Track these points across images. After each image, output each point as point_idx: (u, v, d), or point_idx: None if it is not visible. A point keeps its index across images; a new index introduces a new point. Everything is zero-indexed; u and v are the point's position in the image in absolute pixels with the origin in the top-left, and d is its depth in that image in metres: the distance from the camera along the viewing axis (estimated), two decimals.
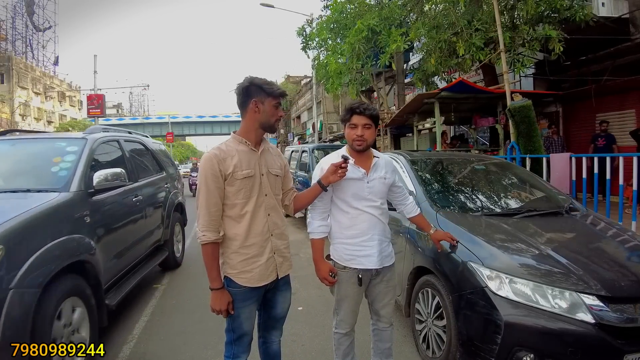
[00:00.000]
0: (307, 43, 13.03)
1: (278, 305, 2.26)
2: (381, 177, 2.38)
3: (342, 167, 2.16)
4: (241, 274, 2.05)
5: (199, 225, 2.00)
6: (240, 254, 2.05)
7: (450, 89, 8.24)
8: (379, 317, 2.53)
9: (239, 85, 2.08)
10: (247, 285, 2.06)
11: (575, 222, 3.29)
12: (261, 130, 2.11)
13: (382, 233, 2.41)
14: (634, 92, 8.99)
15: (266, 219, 2.10)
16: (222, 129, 59.95)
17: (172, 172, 6.24)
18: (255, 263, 2.06)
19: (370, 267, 2.35)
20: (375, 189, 2.35)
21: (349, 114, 2.31)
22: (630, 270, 2.54)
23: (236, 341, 2.13)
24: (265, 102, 2.05)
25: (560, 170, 5.32)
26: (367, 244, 2.35)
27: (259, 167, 2.09)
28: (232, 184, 2.01)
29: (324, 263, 2.35)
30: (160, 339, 3.62)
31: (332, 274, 2.35)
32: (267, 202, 2.11)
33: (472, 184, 3.92)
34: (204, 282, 4.91)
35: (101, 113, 25.71)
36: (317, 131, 24.45)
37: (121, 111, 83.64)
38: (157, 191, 5.24)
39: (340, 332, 2.49)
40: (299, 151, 10.08)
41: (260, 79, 2.07)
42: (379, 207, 2.38)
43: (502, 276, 2.42)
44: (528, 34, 8.38)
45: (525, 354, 2.26)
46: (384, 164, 2.43)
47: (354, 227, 2.35)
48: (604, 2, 13.30)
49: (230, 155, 2.02)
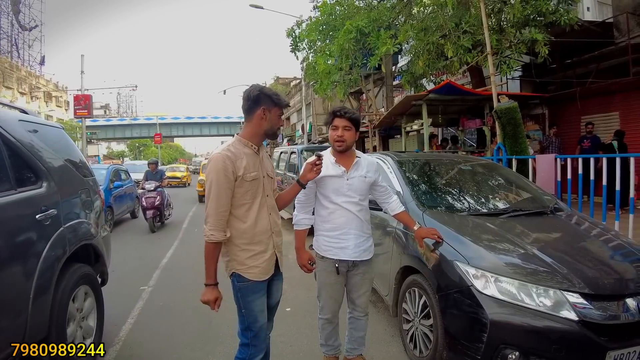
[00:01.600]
0: (296, 44, 13.04)
1: (272, 295, 2.39)
2: (361, 175, 2.58)
3: (316, 164, 2.31)
4: (250, 269, 2.17)
5: (207, 225, 2.07)
6: (248, 250, 2.17)
7: (438, 91, 8.31)
8: (355, 306, 2.73)
9: (248, 92, 2.19)
10: (255, 279, 2.18)
11: (560, 222, 3.33)
12: (264, 136, 2.26)
13: (359, 228, 2.59)
14: (618, 94, 9.16)
15: (268, 218, 2.25)
16: (211, 130, 59.71)
17: (76, 183, 3.37)
18: (261, 258, 2.20)
19: (345, 258, 2.56)
20: (354, 186, 2.55)
21: (331, 117, 2.55)
22: (613, 268, 2.59)
23: (254, 339, 2.21)
24: (272, 111, 2.21)
25: (545, 171, 5.38)
26: (343, 237, 2.55)
27: (262, 169, 2.24)
28: (241, 185, 2.12)
29: (304, 252, 2.59)
30: (147, 342, 3.58)
31: (310, 262, 2.57)
32: (269, 203, 2.27)
33: (459, 185, 3.95)
34: (191, 284, 4.97)
35: (88, 114, 25.30)
36: (307, 133, 24.45)
37: (109, 112, 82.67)
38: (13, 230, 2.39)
39: (323, 318, 2.73)
40: (287, 152, 10.07)
41: (268, 88, 2.25)
42: (357, 204, 2.57)
43: (487, 275, 2.44)
44: (515, 37, 8.49)
45: (510, 351, 2.29)
46: (366, 164, 2.63)
47: (332, 220, 2.56)
48: (589, 7, 13.54)
49: (240, 158, 2.13)
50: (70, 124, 44.31)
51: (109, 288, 5.01)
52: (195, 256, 6.70)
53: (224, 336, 3.55)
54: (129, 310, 4.24)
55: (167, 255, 6.75)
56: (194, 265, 5.94)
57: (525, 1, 8.16)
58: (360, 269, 2.63)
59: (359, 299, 2.69)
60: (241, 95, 2.28)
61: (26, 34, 50.65)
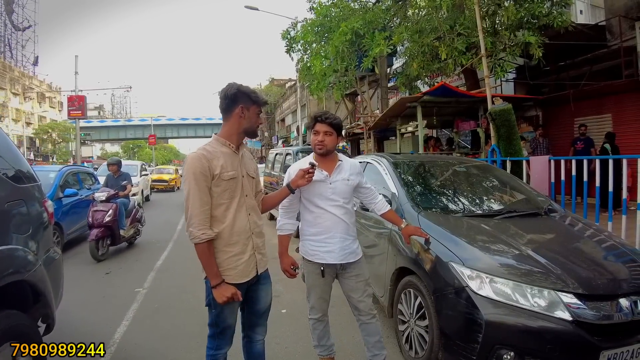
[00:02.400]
0: (291, 46, 13.05)
1: (261, 300, 2.36)
2: (344, 179, 2.59)
3: (309, 172, 2.36)
4: (226, 271, 2.12)
5: (192, 225, 2.02)
6: (224, 252, 2.13)
7: (433, 93, 8.33)
8: (358, 311, 2.68)
9: (225, 91, 2.16)
10: (232, 282, 2.13)
11: (554, 223, 3.36)
12: (243, 135, 2.23)
13: (345, 231, 2.59)
14: (611, 97, 9.24)
15: (247, 219, 2.21)
16: (206, 132, 59.41)
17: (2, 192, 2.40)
18: (239, 260, 2.16)
19: (331, 262, 2.57)
20: (338, 189, 2.57)
21: (312, 122, 2.57)
22: (606, 269, 2.61)
23: (219, 334, 2.22)
24: (250, 109, 2.18)
25: (539, 173, 5.42)
26: (329, 241, 2.56)
27: (241, 169, 2.20)
28: (218, 185, 2.09)
29: (287, 257, 2.61)
30: (142, 343, 3.56)
31: (293, 268, 2.59)
32: (248, 203, 2.23)
33: (454, 186, 3.97)
34: (187, 285, 4.96)
35: (82, 115, 25.10)
36: (302, 134, 24.44)
37: (103, 113, 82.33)
38: None
39: (313, 318, 2.73)
40: (282, 154, 10.07)
41: (245, 86, 2.19)
42: (341, 207, 2.58)
43: (482, 276, 2.46)
44: (509, 39, 8.55)
45: (505, 351, 2.30)
46: (349, 167, 2.65)
47: (317, 225, 2.58)
48: (581, 10, 13.66)
49: (216, 157, 2.10)
50: (64, 125, 44.06)
51: (103, 290, 5.04)
52: (190, 257, 6.67)
53: None
54: (123, 312, 4.22)
55: (161, 257, 6.73)
56: (188, 267, 5.92)
57: (519, 4, 8.25)
58: (350, 272, 2.63)
59: (360, 303, 2.65)
60: None
61: (19, 34, 50.39)
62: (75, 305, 4.54)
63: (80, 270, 5.93)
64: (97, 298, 4.75)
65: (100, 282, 5.41)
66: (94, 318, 4.13)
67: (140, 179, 14.71)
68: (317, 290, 2.65)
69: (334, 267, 2.60)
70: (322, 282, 2.62)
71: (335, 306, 3.78)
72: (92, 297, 4.77)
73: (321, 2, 12.15)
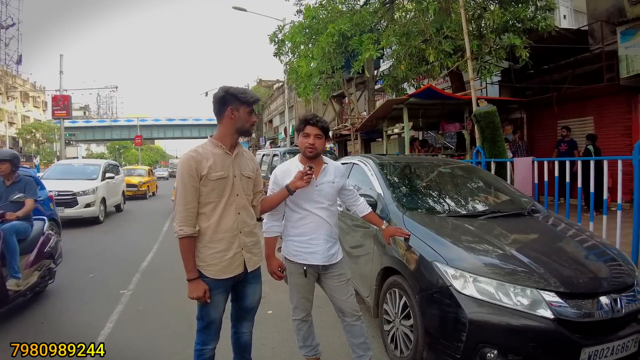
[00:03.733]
0: (279, 49, 13.04)
1: (248, 298, 2.43)
2: (330, 181, 2.63)
3: (307, 174, 2.39)
4: (209, 266, 2.22)
5: (176, 221, 2.16)
6: (209, 247, 2.22)
7: (419, 95, 8.40)
8: (343, 313, 2.70)
9: (215, 95, 2.25)
10: (213, 277, 2.22)
11: (537, 223, 3.40)
12: (236, 135, 2.30)
13: (328, 233, 2.63)
14: (593, 100, 9.41)
15: (236, 217, 2.27)
16: (192, 133, 59.00)
17: None
18: (222, 257, 2.23)
19: (315, 263, 2.60)
20: (324, 192, 2.60)
21: (302, 124, 2.58)
22: (587, 268, 2.66)
23: (205, 329, 2.29)
24: (240, 110, 2.24)
25: (523, 174, 5.49)
26: (313, 242, 2.59)
27: (233, 169, 2.27)
28: (206, 184, 2.18)
29: (274, 259, 2.62)
30: (127, 345, 3.52)
31: (280, 269, 2.61)
32: (238, 202, 2.29)
33: (439, 187, 4.00)
34: (172, 287, 4.91)
35: (67, 115, 24.80)
36: (289, 135, 24.42)
37: (88, 113, 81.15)
38: None
39: (297, 319, 2.75)
40: (270, 155, 10.07)
41: (234, 88, 2.26)
42: (326, 209, 2.62)
43: (466, 275, 2.48)
44: (494, 42, 8.66)
45: (489, 350, 2.33)
46: (333, 170, 2.68)
47: (301, 226, 2.60)
48: (565, 15, 13.90)
49: (206, 158, 2.19)
50: (48, 125, 43.34)
51: (87, 292, 4.96)
52: (175, 259, 6.61)
53: None
54: (108, 314, 4.16)
55: (147, 258, 6.65)
56: (174, 268, 5.86)
57: (504, 8, 8.36)
58: (333, 272, 2.66)
59: (344, 304, 2.67)
60: None
61: (3, 32, 49.37)
62: (58, 306, 4.48)
63: (64, 272, 5.83)
64: (81, 300, 4.68)
65: (85, 284, 5.32)
66: (78, 320, 4.08)
67: (102, 183, 11.15)
68: (300, 290, 2.68)
69: (316, 267, 2.63)
70: (304, 282, 2.65)
71: (320, 307, 3.78)
72: (76, 299, 4.71)
73: (309, 4, 12.17)
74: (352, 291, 2.74)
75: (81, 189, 10.05)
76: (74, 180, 10.47)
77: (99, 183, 10.85)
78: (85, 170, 11.39)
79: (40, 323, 4.01)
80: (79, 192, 9.95)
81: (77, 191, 9.89)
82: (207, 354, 2.32)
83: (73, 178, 10.69)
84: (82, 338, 3.54)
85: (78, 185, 10.12)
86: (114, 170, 12.95)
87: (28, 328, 3.85)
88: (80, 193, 9.97)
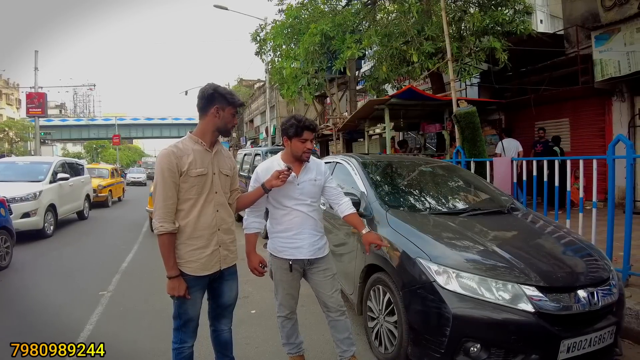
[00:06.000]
0: (261, 48, 12.99)
1: (224, 294, 2.44)
2: (311, 179, 2.65)
3: (284, 173, 2.41)
4: (187, 263, 2.21)
5: (155, 217, 2.14)
6: (187, 244, 2.21)
7: (400, 96, 8.47)
8: (327, 308, 2.73)
9: (202, 90, 2.24)
10: (192, 274, 2.22)
11: (517, 220, 3.48)
12: (217, 133, 2.30)
13: (313, 227, 2.66)
14: (568, 102, 9.67)
15: (214, 215, 2.27)
16: (172, 132, 58.10)
17: None
18: (201, 254, 2.23)
19: (300, 257, 2.63)
20: (305, 190, 2.62)
21: (301, 130, 2.55)
22: (565, 262, 2.74)
23: (183, 327, 2.30)
24: (226, 110, 2.25)
25: (502, 173, 5.59)
26: (298, 237, 2.61)
27: (212, 166, 2.27)
28: (186, 181, 2.17)
29: (254, 255, 2.63)
30: (108, 347, 3.43)
31: (262, 266, 2.63)
32: (217, 199, 2.29)
33: (421, 185, 4.05)
34: (152, 287, 4.84)
35: (42, 113, 24.14)
36: (271, 135, 24.31)
37: (65, 112, 78.96)
38: None
39: (281, 316, 2.77)
40: (251, 154, 10.01)
41: (223, 87, 2.29)
42: (309, 205, 2.64)
43: (449, 271, 2.52)
44: (474, 44, 8.82)
45: (472, 344, 2.37)
46: (315, 168, 2.70)
47: (285, 222, 2.63)
48: (542, 20, 14.25)
49: (186, 154, 2.18)
50: (22, 123, 42.10)
51: (65, 294, 4.84)
52: (156, 260, 6.50)
53: None
54: (87, 316, 4.06)
55: (127, 259, 6.53)
56: (154, 269, 5.78)
57: (484, 11, 8.53)
58: (318, 266, 2.68)
59: (329, 299, 2.69)
60: None
61: None
62: (36, 308, 4.36)
63: (40, 273, 5.69)
64: (59, 302, 4.57)
65: (63, 285, 5.20)
66: (56, 322, 3.98)
67: (51, 186, 8.99)
68: (285, 286, 2.70)
69: (301, 262, 2.65)
70: (289, 278, 2.67)
71: (305, 305, 3.79)
72: (54, 301, 4.60)
73: (291, 4, 12.17)
74: (338, 286, 2.77)
75: (16, 194, 7.79)
76: (13, 183, 8.35)
77: (45, 186, 8.71)
78: (30, 171, 9.18)
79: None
80: (12, 199, 7.44)
81: (9, 197, 7.14)
82: (185, 352, 2.33)
83: (13, 180, 8.61)
84: (60, 341, 3.47)
85: (14, 190, 7.91)
86: (74, 169, 10.90)
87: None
88: (13, 200, 7.53)
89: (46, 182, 8.87)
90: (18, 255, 6.50)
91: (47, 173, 9.11)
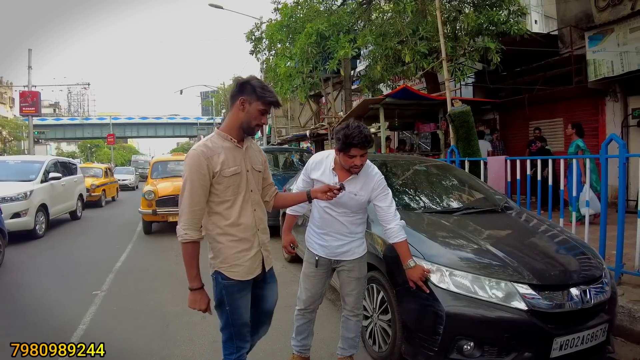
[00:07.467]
0: (256, 47, 12.96)
1: (268, 299, 2.30)
2: (351, 192, 2.46)
3: (334, 192, 2.22)
4: (232, 267, 2.07)
5: (180, 224, 1.96)
6: (231, 248, 2.07)
7: (395, 95, 8.49)
8: (345, 303, 2.73)
9: (237, 78, 2.10)
10: (238, 278, 2.08)
11: (511, 219, 3.50)
12: (241, 131, 2.09)
13: (340, 231, 2.58)
14: (562, 102, 9.72)
15: (253, 214, 2.13)
16: (167, 131, 58.00)
17: None
18: (245, 257, 2.09)
19: (322, 255, 2.63)
20: (341, 200, 2.45)
21: (347, 147, 2.34)
22: (558, 261, 2.75)
23: (237, 334, 2.13)
24: (253, 104, 2.02)
25: (496, 172, 5.61)
26: (324, 237, 2.62)
27: (245, 163, 2.10)
28: (221, 182, 2.01)
29: (288, 234, 2.85)
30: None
31: (292, 246, 2.83)
32: (253, 198, 2.15)
33: (415, 184, 4.06)
34: (147, 287, 4.81)
35: (36, 112, 23.96)
36: (266, 134, 24.28)
37: (59, 111, 78.60)
38: None
39: (297, 308, 2.79)
40: None
41: (259, 80, 2.09)
42: (343, 214, 2.56)
43: (443, 269, 2.53)
44: (469, 44, 8.85)
45: (465, 342, 2.38)
46: (362, 181, 2.50)
47: (317, 219, 2.65)
48: (536, 20, 14.31)
49: (217, 153, 2.01)
50: (16, 122, 41.77)
51: (58, 294, 4.80)
52: (150, 259, 6.50)
53: (182, 339, 3.46)
54: (80, 316, 4.02)
55: (121, 258, 6.49)
56: (148, 269, 5.77)
57: (478, 11, 8.56)
58: (343, 266, 2.64)
59: (347, 297, 2.68)
60: (198, 96, 2.21)
61: None
62: (29, 308, 4.32)
63: (33, 273, 5.65)
64: (52, 301, 4.54)
65: (56, 285, 5.16)
66: (50, 321, 3.94)
67: (43, 186, 8.88)
68: (307, 280, 2.71)
69: (328, 260, 2.65)
70: (314, 273, 2.67)
71: None
72: (47, 301, 4.56)
73: (286, 3, 12.14)
74: (361, 289, 2.70)
75: (6, 194, 7.75)
76: (3, 182, 8.25)
77: (36, 185, 8.57)
78: (21, 170, 9.07)
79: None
80: (2, 199, 7.52)
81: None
82: (244, 358, 2.18)
83: (3, 179, 8.48)
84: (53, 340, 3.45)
85: (4, 189, 7.90)
86: (67, 169, 10.77)
87: None
88: (3, 199, 7.55)
89: (37, 182, 8.73)
90: (10, 256, 6.44)
91: (39, 172, 8.98)
